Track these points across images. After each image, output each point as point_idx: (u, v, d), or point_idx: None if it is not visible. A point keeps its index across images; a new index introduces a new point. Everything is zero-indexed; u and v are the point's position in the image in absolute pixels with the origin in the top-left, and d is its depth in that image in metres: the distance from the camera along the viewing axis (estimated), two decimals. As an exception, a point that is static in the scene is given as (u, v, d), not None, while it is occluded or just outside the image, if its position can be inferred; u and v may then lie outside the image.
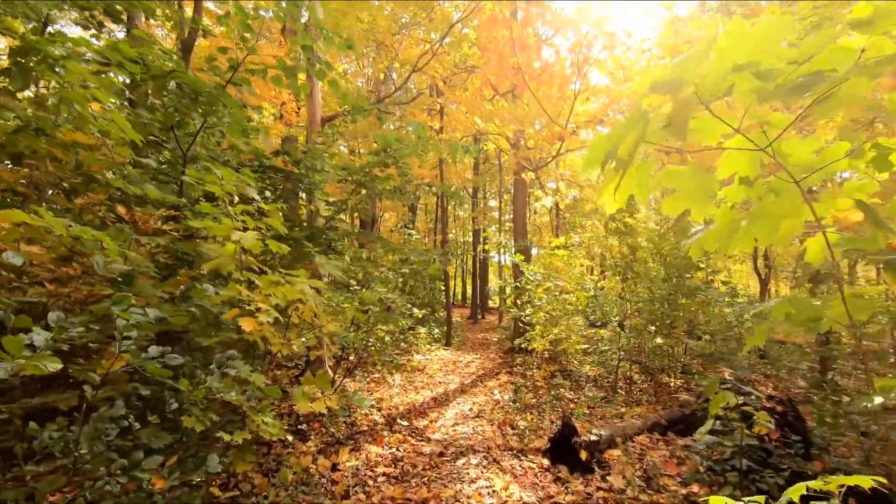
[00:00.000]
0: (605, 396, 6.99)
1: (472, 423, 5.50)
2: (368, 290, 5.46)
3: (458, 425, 5.40)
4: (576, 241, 9.95)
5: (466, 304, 30.74)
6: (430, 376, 8.24)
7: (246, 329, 2.29)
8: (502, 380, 8.19)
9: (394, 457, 4.25)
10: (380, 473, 3.85)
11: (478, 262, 24.82)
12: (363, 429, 4.97)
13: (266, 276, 2.60)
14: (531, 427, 5.26)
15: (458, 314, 20.47)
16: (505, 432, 5.07)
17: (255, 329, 2.33)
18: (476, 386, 7.73)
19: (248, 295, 2.45)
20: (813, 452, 3.55)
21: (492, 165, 23.62)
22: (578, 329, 7.91)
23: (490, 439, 4.83)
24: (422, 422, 5.49)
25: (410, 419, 5.52)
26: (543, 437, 4.85)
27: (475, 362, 9.96)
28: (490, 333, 16.02)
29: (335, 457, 4.12)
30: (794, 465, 3.37)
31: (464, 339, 13.94)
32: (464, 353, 11.04)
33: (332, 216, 4.69)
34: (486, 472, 3.97)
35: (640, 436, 4.94)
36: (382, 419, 5.46)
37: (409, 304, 9.93)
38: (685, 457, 4.16)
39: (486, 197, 27.62)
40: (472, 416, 5.78)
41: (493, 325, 19.18)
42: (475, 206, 25.12)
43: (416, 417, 5.65)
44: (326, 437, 4.60)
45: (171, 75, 3.27)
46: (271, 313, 2.45)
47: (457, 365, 9.50)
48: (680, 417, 5.00)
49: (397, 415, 5.67)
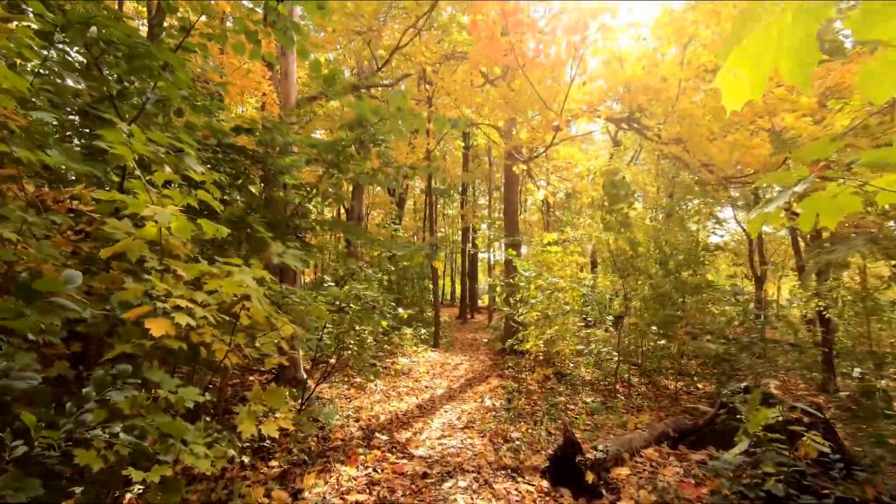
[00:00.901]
0: (603, 402, 6.49)
1: (460, 435, 4.93)
2: (346, 286, 4.87)
3: (446, 438, 4.83)
4: (571, 237, 9.45)
5: (455, 303, 30.23)
6: (415, 380, 7.66)
7: (155, 333, 1.70)
8: (493, 384, 7.64)
9: (369, 479, 3.67)
10: (351, 502, 3.26)
11: (467, 260, 24.30)
12: (336, 444, 4.38)
13: (194, 265, 2.00)
14: (527, 439, 4.71)
15: (447, 313, 19.92)
16: (498, 446, 4.51)
17: (168, 333, 1.74)
18: (465, 391, 7.17)
19: (164, 289, 1.85)
20: (856, 473, 3.05)
21: (481, 162, 23.12)
22: (575, 329, 7.40)
23: (481, 455, 4.27)
24: (404, 434, 4.91)
25: (392, 431, 4.94)
26: (541, 452, 4.30)
27: (464, 364, 9.40)
28: (480, 333, 15.48)
29: (300, 481, 3.52)
30: (838, 489, 2.87)
31: (452, 339, 13.38)
32: (452, 355, 10.48)
33: (300, 202, 4.09)
34: (476, 497, 3.41)
35: (647, 449, 4.43)
36: (360, 431, 4.87)
37: (393, 302, 9.35)
38: (703, 476, 3.64)
39: (475, 194, 27.10)
40: (461, 427, 5.22)
41: (482, 325, 18.66)
42: (464, 204, 24.59)
43: (398, 429, 5.07)
44: (293, 456, 4.00)
45: (93, 21, 2.66)
46: (196, 313, 1.86)
47: (444, 368, 8.94)
48: (691, 428, 4.49)
49: (377, 426, 5.08)
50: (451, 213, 29.64)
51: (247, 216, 3.24)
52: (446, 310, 22.78)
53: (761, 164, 6.83)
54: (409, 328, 10.46)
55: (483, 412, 5.78)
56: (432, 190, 14.56)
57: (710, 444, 4.28)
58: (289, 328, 2.64)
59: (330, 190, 4.24)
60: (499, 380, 7.92)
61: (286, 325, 2.64)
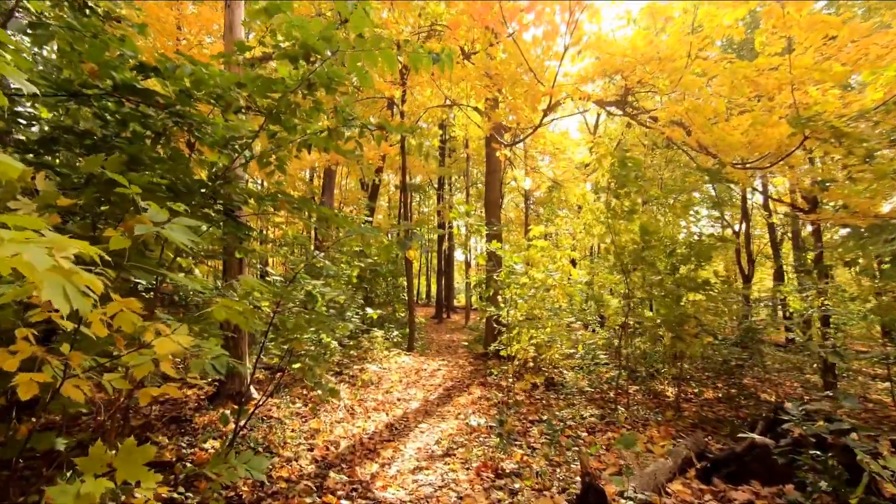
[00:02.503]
0: (603, 415, 5.63)
1: (440, 466, 3.94)
2: (294, 282, 3.82)
3: (422, 472, 3.84)
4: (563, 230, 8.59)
5: (430, 302, 29.32)
6: (386, 391, 6.64)
7: None
8: (475, 394, 6.69)
9: (317, 547, 2.64)
10: None
11: (443, 258, 23.33)
12: (279, 487, 3.32)
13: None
14: (524, 471, 3.77)
15: (422, 313, 18.92)
16: (488, 485, 3.54)
17: None
18: (444, 404, 6.19)
19: None
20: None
21: (458, 157, 22.17)
22: (570, 332, 6.53)
23: (468, 499, 3.29)
24: (369, 467, 3.89)
25: (353, 464, 3.91)
26: (546, 493, 3.36)
27: (442, 370, 8.42)
28: (457, 335, 14.55)
29: (214, 557, 2.47)
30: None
31: (428, 341, 12.39)
32: (428, 359, 9.48)
33: (227, 165, 3.03)
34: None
35: (674, 482, 3.56)
36: (313, 465, 3.82)
37: (362, 301, 8.28)
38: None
39: (451, 191, 26.13)
40: (441, 455, 4.23)
41: (459, 326, 17.77)
42: (440, 200, 23.59)
43: (362, 460, 4.04)
44: (215, 510, 2.93)
45: None
46: None
47: (420, 375, 7.93)
48: (728, 455, 3.63)
49: (335, 457, 4.05)
50: (426, 210, 28.63)
51: (130, 173, 2.17)
52: (421, 310, 21.78)
53: (774, 147, 6.10)
54: (380, 330, 9.41)
55: (467, 433, 4.82)
56: (407, 186, 13.51)
57: (752, 476, 3.44)
58: (168, 344, 1.60)
59: (272, 153, 3.19)
60: (481, 389, 6.98)
61: (164, 340, 1.60)
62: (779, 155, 6.15)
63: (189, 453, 3.86)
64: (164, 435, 4.36)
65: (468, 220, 8.37)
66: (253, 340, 5.57)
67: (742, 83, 5.32)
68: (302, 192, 16.62)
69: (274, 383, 5.30)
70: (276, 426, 4.63)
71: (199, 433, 4.40)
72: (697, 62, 5.52)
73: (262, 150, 3.20)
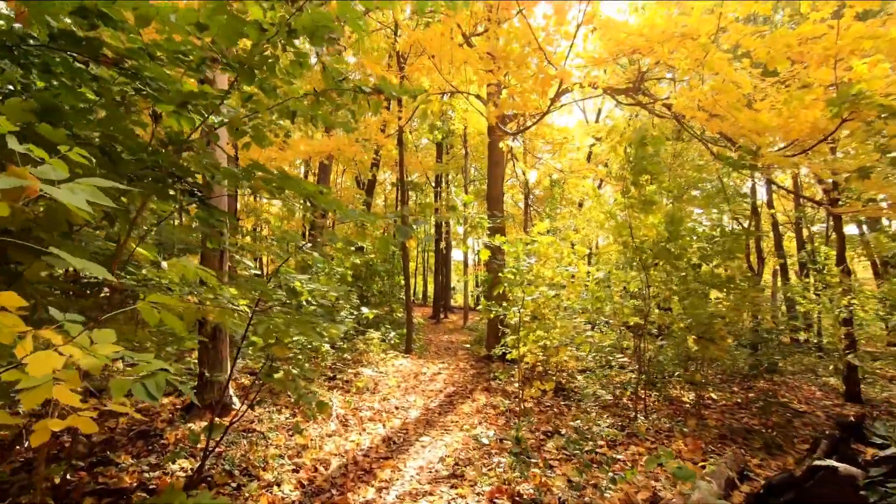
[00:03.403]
0: (623, 426, 5.10)
1: (446, 491, 3.39)
2: (275, 276, 3.26)
3: (424, 498, 3.29)
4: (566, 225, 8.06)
5: (427, 302, 28.74)
6: (383, 398, 6.07)
7: None
8: (480, 401, 6.15)
9: None
10: None
11: (440, 257, 22.78)
12: (255, 522, 2.77)
13: None
14: (544, 497, 3.22)
15: (419, 313, 18.37)
16: (505, 516, 3.00)
17: None
18: (446, 412, 5.64)
19: None
20: None
21: (456, 154, 21.63)
22: (585, 335, 5.99)
23: (482, 535, 2.74)
24: (364, 492, 3.34)
25: (345, 489, 3.36)
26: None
27: (442, 374, 7.87)
28: (456, 335, 13.99)
29: None
30: None
31: (426, 342, 11.83)
32: (427, 362, 8.92)
33: (188, 135, 2.46)
34: None
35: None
36: (298, 492, 3.27)
37: (357, 300, 7.73)
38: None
39: (449, 188, 25.56)
40: (447, 476, 3.68)
41: (457, 326, 17.22)
42: (438, 197, 23.03)
43: (355, 483, 3.48)
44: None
45: None
46: None
47: (419, 379, 7.38)
48: (786, 480, 3.10)
49: (325, 479, 3.49)
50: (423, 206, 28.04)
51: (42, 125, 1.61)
52: (418, 309, 21.21)
53: (808, 131, 5.59)
54: (377, 331, 8.84)
55: (474, 448, 4.27)
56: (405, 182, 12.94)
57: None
58: (52, 359, 1.04)
59: (246, 119, 2.62)
60: (486, 395, 6.43)
61: (45, 355, 1.05)
62: (814, 139, 5.63)
63: (153, 477, 3.30)
64: (129, 453, 3.79)
65: (468, 211, 7.80)
66: (234, 343, 5.00)
67: (780, 54, 4.79)
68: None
69: (255, 392, 4.73)
70: (259, 441, 4.07)
71: (170, 450, 3.84)
72: (732, 32, 4.98)
73: (238, 117, 2.63)
